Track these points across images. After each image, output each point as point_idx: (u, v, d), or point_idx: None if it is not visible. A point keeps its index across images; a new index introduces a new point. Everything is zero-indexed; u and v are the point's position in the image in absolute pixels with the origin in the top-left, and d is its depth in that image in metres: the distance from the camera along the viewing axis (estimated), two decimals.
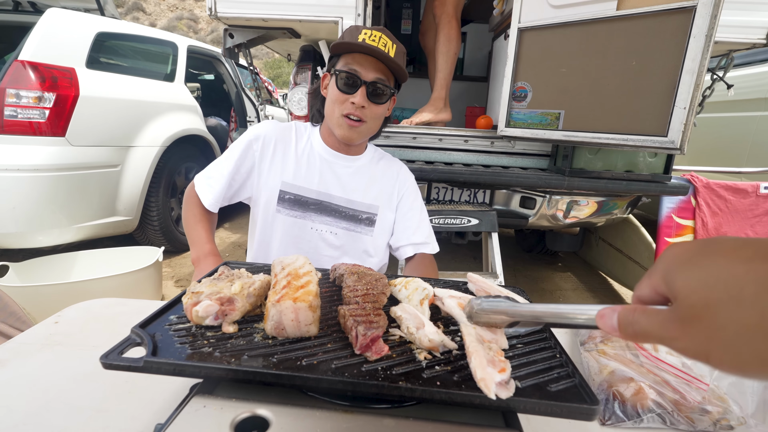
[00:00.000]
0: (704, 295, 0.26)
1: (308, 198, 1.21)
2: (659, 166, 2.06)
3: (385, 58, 1.09)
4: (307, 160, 1.23)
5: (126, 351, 0.52)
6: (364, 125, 1.16)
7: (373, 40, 1.07)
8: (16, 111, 2.29)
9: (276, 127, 1.24)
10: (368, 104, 1.12)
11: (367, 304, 0.61)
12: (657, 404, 0.66)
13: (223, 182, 1.18)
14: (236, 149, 1.20)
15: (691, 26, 1.49)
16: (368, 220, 1.27)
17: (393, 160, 1.37)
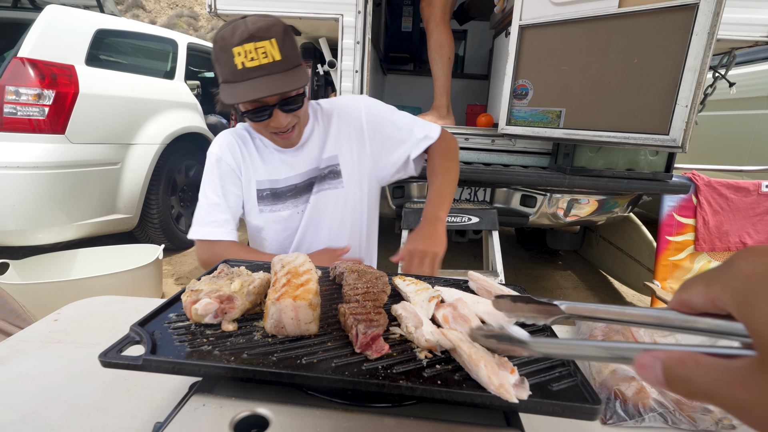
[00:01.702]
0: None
1: (281, 188, 1.22)
2: (660, 165, 2.06)
3: (276, 67, 0.98)
4: (268, 155, 1.22)
5: (125, 349, 0.52)
6: (298, 126, 1.13)
7: (253, 59, 0.96)
8: (15, 108, 2.28)
9: (231, 136, 1.21)
10: (289, 116, 1.07)
11: (368, 302, 0.61)
12: (659, 403, 0.65)
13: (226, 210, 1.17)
14: (212, 178, 1.18)
15: (694, 24, 1.48)
16: (332, 173, 1.24)
17: (334, 105, 1.30)
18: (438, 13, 2.28)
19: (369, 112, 1.28)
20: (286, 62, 1.00)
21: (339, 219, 1.27)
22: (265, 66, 0.97)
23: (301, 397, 0.52)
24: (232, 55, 0.96)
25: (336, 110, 1.28)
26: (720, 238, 2.29)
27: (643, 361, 0.26)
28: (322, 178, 1.24)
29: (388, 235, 3.51)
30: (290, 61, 1.01)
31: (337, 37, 2.03)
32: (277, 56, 0.98)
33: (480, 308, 0.68)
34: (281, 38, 0.99)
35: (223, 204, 1.17)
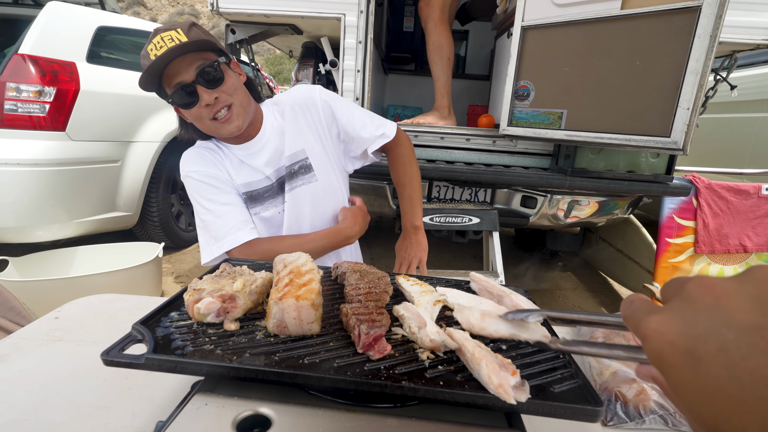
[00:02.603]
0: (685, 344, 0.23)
1: (256, 190, 1.22)
2: (661, 167, 2.06)
3: (181, 48, 0.99)
4: (238, 165, 1.20)
5: (127, 347, 0.52)
6: (233, 108, 1.09)
7: (162, 47, 0.98)
8: (16, 105, 2.28)
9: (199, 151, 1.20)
10: (216, 92, 1.05)
11: (370, 302, 0.61)
12: (659, 405, 0.65)
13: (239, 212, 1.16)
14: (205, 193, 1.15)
15: (696, 26, 1.48)
16: (302, 168, 1.24)
17: (288, 97, 1.29)
18: (436, 14, 2.27)
19: (325, 103, 1.27)
20: (195, 44, 1.01)
21: (320, 211, 1.27)
22: (172, 49, 0.98)
23: (303, 397, 0.52)
24: (148, 54, 1.00)
25: (290, 103, 1.26)
26: (720, 241, 2.29)
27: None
28: (293, 175, 1.23)
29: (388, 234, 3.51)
30: (200, 44, 1.03)
31: (339, 36, 2.03)
32: (183, 38, 1.00)
33: (483, 309, 0.68)
34: (186, 28, 1.03)
35: (234, 207, 1.15)
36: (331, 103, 1.27)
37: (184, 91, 1.04)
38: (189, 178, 1.16)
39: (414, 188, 1.38)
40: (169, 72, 1.03)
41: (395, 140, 1.34)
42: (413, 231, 1.39)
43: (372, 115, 1.34)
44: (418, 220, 1.38)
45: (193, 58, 1.03)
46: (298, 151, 1.23)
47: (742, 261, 2.36)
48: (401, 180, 1.39)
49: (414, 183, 1.39)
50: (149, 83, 1.04)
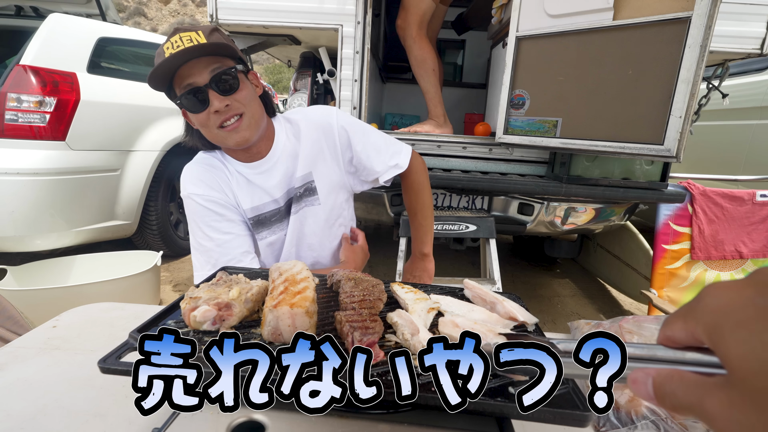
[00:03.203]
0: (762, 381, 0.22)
1: (268, 212, 1.18)
2: (656, 174, 2.08)
3: (199, 49, 0.95)
4: (246, 185, 1.15)
5: (124, 355, 0.53)
6: (245, 117, 1.05)
7: (178, 45, 0.94)
8: (16, 115, 2.30)
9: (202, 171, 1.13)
10: (228, 99, 1.01)
11: (364, 310, 0.62)
12: (651, 411, 0.66)
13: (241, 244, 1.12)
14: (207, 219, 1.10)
15: (686, 36, 1.51)
16: (307, 191, 1.21)
17: (305, 117, 1.24)
18: (413, 30, 2.29)
19: (342, 129, 1.23)
20: (213, 47, 0.98)
21: (319, 234, 1.25)
22: (189, 49, 0.94)
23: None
24: (163, 51, 0.96)
25: (305, 124, 1.22)
26: (716, 247, 2.30)
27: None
28: (299, 197, 1.20)
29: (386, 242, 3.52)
30: (219, 48, 1.00)
31: (337, 46, 2.06)
32: (202, 40, 0.96)
33: (474, 316, 0.68)
34: (208, 31, 1.00)
35: (236, 238, 1.11)
36: (348, 129, 1.23)
37: (194, 94, 1.00)
38: (190, 200, 1.10)
39: (425, 216, 1.38)
40: (183, 73, 0.99)
41: (409, 167, 1.31)
42: (421, 257, 1.41)
43: (387, 140, 1.30)
44: (427, 247, 1.39)
45: (210, 62, 1.00)
46: (306, 174, 1.20)
47: (739, 267, 2.37)
48: (413, 207, 1.39)
49: (426, 210, 1.38)
50: (160, 81, 1.01)
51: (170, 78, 1.01)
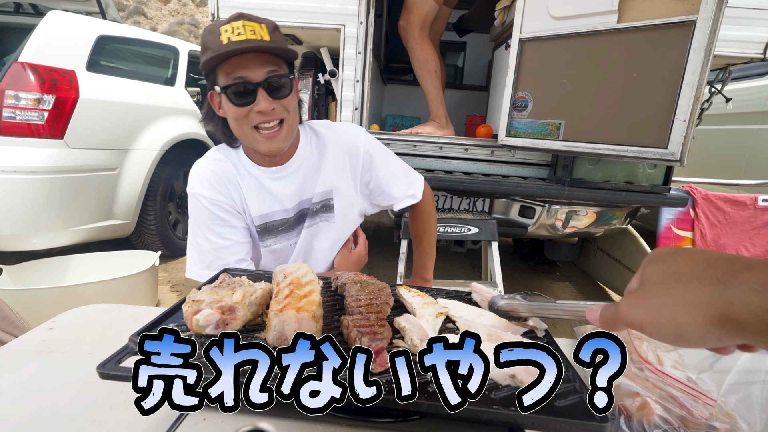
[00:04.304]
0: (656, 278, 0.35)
1: (276, 221, 1.16)
2: (659, 178, 2.07)
3: (263, 47, 0.93)
4: (257, 188, 1.12)
5: (123, 360, 0.51)
6: (285, 126, 1.02)
7: (240, 34, 0.91)
8: (14, 112, 2.27)
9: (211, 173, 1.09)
10: (276, 103, 0.98)
11: (371, 314, 0.60)
12: (663, 420, 0.65)
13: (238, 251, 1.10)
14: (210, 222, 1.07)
15: (691, 40, 1.51)
16: (325, 207, 1.20)
17: (327, 135, 1.22)
18: (415, 31, 2.29)
19: (367, 153, 1.22)
20: (279, 50, 0.96)
21: (326, 251, 1.25)
22: (251, 41, 0.91)
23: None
24: (219, 33, 0.92)
25: (332, 140, 1.21)
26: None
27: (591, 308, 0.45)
28: (315, 213, 1.19)
29: (387, 244, 3.50)
30: (284, 52, 0.98)
31: (339, 46, 2.05)
32: (265, 36, 0.93)
33: (484, 321, 0.67)
34: (273, 28, 0.97)
35: (235, 244, 1.10)
36: (372, 154, 1.23)
37: (241, 85, 0.95)
38: (196, 200, 1.08)
39: (430, 244, 1.42)
40: (236, 62, 0.95)
41: (422, 199, 1.34)
42: (422, 282, 1.45)
43: (405, 169, 1.32)
44: (429, 273, 1.44)
45: (266, 60, 0.96)
46: (327, 191, 1.19)
47: None
48: (420, 234, 1.41)
49: (432, 239, 1.41)
50: (210, 64, 0.96)
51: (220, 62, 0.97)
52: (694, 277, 0.33)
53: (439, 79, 2.38)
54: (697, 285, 0.32)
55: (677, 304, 0.33)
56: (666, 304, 0.33)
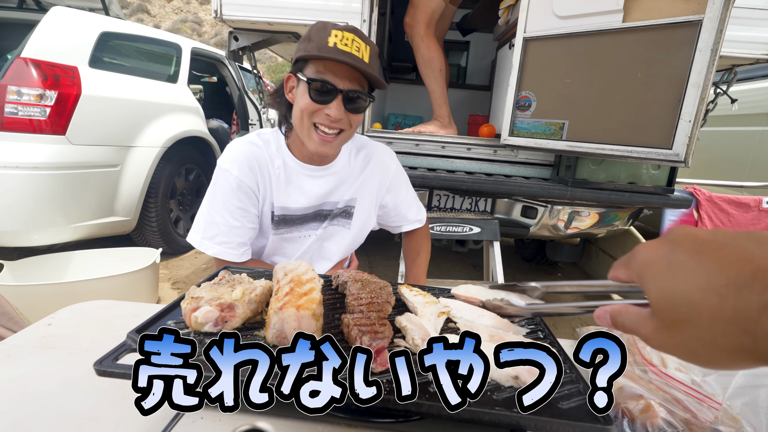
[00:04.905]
0: (672, 314, 0.33)
1: (294, 215, 1.19)
2: (662, 179, 2.06)
3: (360, 68, 0.99)
4: (286, 180, 1.16)
5: (121, 357, 0.50)
6: (341, 136, 1.08)
7: (346, 44, 0.97)
8: (16, 108, 2.27)
9: (248, 155, 1.12)
10: (346, 115, 1.04)
11: (372, 313, 0.59)
12: (667, 423, 0.64)
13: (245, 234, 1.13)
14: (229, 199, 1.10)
15: (697, 40, 1.49)
16: (345, 213, 1.26)
17: (371, 151, 1.30)
18: (421, 29, 2.28)
19: (395, 176, 1.33)
20: (369, 73, 1.01)
21: (337, 253, 1.31)
22: (353, 56, 0.97)
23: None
24: (328, 34, 0.97)
25: (374, 156, 1.29)
26: None
27: (599, 314, 0.42)
28: (335, 215, 1.25)
29: (388, 242, 3.49)
30: (373, 79, 1.03)
31: None
32: (366, 58, 1.00)
33: (485, 321, 0.66)
34: (375, 52, 1.04)
35: (243, 228, 1.13)
36: (399, 177, 1.34)
37: (325, 87, 1.00)
38: (223, 174, 1.11)
39: (423, 270, 1.45)
40: (331, 66, 1.00)
41: (423, 227, 1.46)
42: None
43: (416, 196, 1.43)
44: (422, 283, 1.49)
45: (356, 77, 1.03)
46: (351, 198, 1.25)
47: None
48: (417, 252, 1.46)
49: (424, 265, 1.47)
50: (308, 56, 1.00)
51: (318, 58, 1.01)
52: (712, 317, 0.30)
53: (444, 78, 2.38)
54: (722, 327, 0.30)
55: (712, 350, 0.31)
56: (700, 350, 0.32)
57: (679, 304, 0.32)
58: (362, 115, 1.10)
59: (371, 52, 1.03)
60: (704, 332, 0.31)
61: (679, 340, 0.33)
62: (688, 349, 0.32)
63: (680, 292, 0.32)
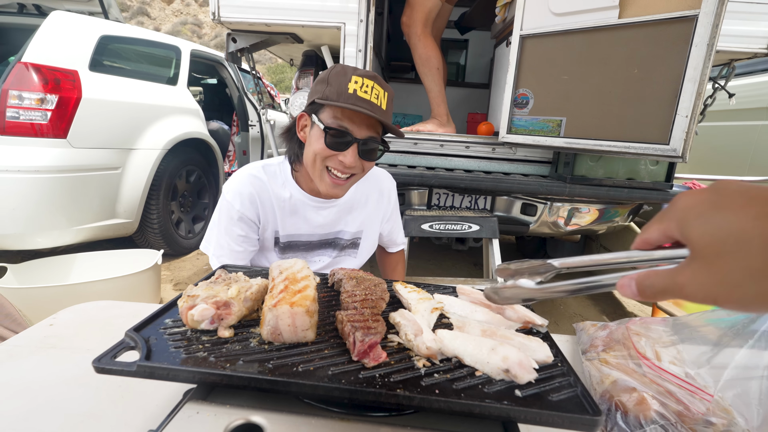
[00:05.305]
0: (717, 247, 0.32)
1: (299, 242, 1.23)
2: (661, 174, 2.06)
3: (379, 117, 0.99)
4: (291, 211, 1.18)
5: (119, 355, 0.51)
6: (352, 179, 1.10)
7: (365, 91, 0.97)
8: (18, 112, 2.29)
9: (251, 187, 1.14)
10: (359, 162, 1.05)
11: (366, 309, 0.60)
12: (660, 415, 0.64)
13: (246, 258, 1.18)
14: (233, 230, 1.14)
15: (693, 35, 1.49)
16: (353, 245, 1.31)
17: (376, 178, 1.33)
18: (418, 28, 2.28)
19: (394, 206, 1.40)
20: (386, 117, 1.02)
21: None
22: (372, 104, 0.98)
23: (296, 405, 0.51)
24: (348, 80, 0.97)
25: (377, 186, 1.32)
26: None
27: (622, 283, 0.39)
28: (344, 247, 1.29)
29: None
30: (389, 126, 1.05)
31: (340, 45, 2.05)
32: (384, 106, 1.01)
33: (478, 317, 0.67)
34: (391, 99, 1.05)
35: (245, 252, 1.17)
36: (396, 206, 1.41)
37: (342, 134, 1.01)
38: (226, 205, 1.14)
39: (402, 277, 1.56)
40: (349, 113, 1.00)
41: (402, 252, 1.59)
42: None
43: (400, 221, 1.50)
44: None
45: (373, 125, 1.03)
46: (358, 231, 1.29)
47: None
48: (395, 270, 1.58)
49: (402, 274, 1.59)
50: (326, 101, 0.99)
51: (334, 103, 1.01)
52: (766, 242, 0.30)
53: (441, 77, 2.38)
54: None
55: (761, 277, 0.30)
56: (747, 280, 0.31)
57: (727, 235, 0.31)
58: (373, 165, 1.13)
59: (389, 97, 1.03)
60: (754, 259, 0.30)
61: (722, 276, 0.31)
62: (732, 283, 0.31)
63: (728, 223, 0.31)
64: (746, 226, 0.31)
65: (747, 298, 0.31)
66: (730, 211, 0.32)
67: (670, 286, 0.35)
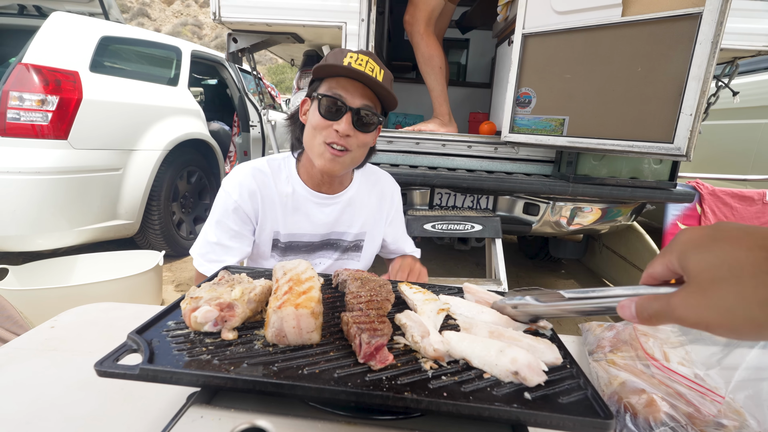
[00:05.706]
0: (711, 273, 0.34)
1: (299, 242, 1.20)
2: (665, 173, 2.05)
3: (373, 83, 1.00)
4: (293, 206, 1.16)
5: (122, 358, 0.50)
6: (348, 155, 1.07)
7: (360, 64, 0.98)
8: (18, 114, 2.29)
9: (252, 180, 1.13)
10: (354, 132, 1.03)
11: (371, 310, 0.59)
12: (670, 417, 0.63)
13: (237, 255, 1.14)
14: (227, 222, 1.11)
15: (697, 33, 1.48)
16: (356, 247, 1.29)
17: (378, 179, 1.33)
18: (421, 27, 2.28)
19: (397, 209, 1.36)
20: (380, 87, 1.02)
21: None
22: (366, 75, 0.98)
23: (302, 408, 0.50)
24: (344, 56, 0.99)
25: (379, 185, 1.31)
26: None
27: (623, 304, 0.42)
28: (346, 249, 1.27)
29: None
30: (384, 91, 1.04)
31: (341, 44, 2.04)
32: (379, 78, 1.01)
33: (485, 318, 0.66)
34: (388, 75, 1.05)
35: (236, 249, 1.14)
36: (399, 210, 1.38)
37: (336, 104, 1.01)
38: (224, 196, 1.12)
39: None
40: (343, 82, 1.01)
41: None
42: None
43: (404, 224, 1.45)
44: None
45: (368, 95, 1.03)
46: (361, 232, 1.27)
47: None
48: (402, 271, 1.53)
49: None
50: (322, 73, 1.03)
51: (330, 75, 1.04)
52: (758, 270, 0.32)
53: (444, 76, 2.37)
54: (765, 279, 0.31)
55: (750, 303, 0.31)
56: (738, 305, 0.32)
57: (721, 263, 0.33)
58: (370, 135, 1.09)
59: (385, 75, 1.03)
60: (746, 286, 0.31)
61: (714, 301, 0.33)
62: (724, 308, 0.32)
63: (724, 252, 0.33)
64: (740, 255, 0.33)
65: (737, 324, 0.32)
66: (726, 243, 0.34)
67: (664, 308, 0.37)
